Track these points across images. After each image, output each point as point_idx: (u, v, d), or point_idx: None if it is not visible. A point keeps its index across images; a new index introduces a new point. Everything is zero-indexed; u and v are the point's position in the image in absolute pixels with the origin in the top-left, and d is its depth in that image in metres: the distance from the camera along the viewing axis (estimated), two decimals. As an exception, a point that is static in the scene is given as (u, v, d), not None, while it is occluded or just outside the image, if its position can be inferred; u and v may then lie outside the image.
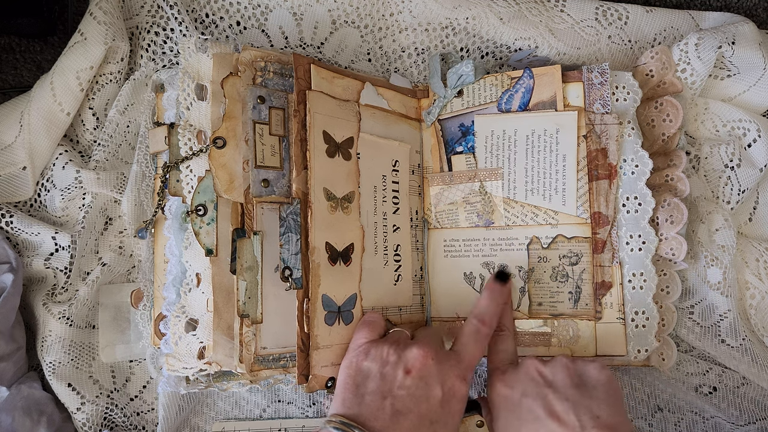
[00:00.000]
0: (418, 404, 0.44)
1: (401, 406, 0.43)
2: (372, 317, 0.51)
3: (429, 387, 0.45)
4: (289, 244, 0.49)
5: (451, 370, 0.46)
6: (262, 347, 0.49)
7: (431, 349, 0.46)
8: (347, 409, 0.44)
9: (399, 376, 0.45)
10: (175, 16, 0.58)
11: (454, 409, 0.46)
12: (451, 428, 0.46)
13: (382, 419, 0.43)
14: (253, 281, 0.48)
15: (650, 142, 0.56)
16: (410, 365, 0.45)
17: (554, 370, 0.46)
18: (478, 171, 0.57)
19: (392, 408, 0.43)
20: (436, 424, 0.44)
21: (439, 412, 0.45)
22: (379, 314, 0.53)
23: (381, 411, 0.43)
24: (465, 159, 0.58)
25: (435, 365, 0.46)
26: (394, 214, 0.56)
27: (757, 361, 0.56)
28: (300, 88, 0.50)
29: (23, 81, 0.64)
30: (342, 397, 0.45)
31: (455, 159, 0.58)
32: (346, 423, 0.42)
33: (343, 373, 0.47)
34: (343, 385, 0.46)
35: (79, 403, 0.57)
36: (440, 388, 0.45)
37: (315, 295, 0.49)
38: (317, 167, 0.50)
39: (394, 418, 0.43)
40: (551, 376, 0.46)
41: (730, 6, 0.65)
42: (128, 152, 0.61)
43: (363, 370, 0.46)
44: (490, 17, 0.59)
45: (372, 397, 0.44)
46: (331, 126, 0.52)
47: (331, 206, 0.51)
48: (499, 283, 0.51)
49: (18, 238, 0.58)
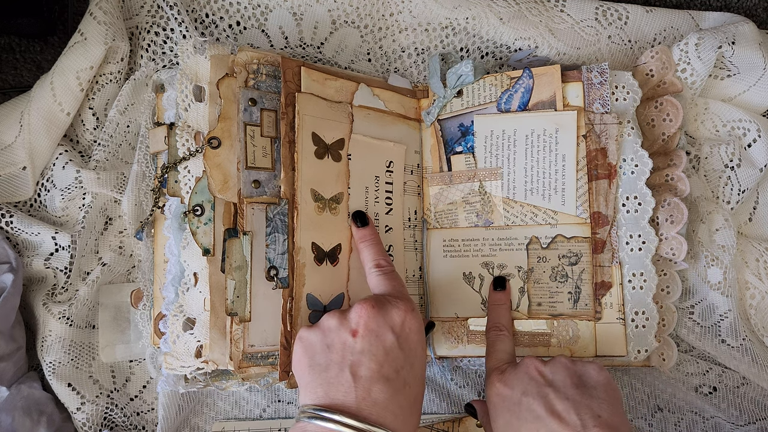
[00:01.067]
0: (376, 360, 0.42)
1: (361, 370, 0.42)
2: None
3: (381, 337, 0.43)
4: (276, 244, 0.49)
5: (395, 308, 0.45)
6: (250, 345, 0.49)
7: (368, 301, 0.45)
8: (313, 395, 0.42)
9: (348, 341, 0.43)
10: (174, 17, 0.58)
11: (414, 342, 0.45)
12: (419, 366, 0.45)
13: (347, 391, 0.41)
14: (242, 280, 0.49)
15: (650, 141, 0.56)
16: (354, 325, 0.44)
17: (554, 370, 0.46)
18: (477, 171, 0.57)
19: (353, 375, 0.42)
20: (402, 370, 0.43)
21: (401, 357, 0.43)
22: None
23: (343, 384, 0.42)
24: (464, 159, 0.58)
25: (377, 313, 0.44)
26: (386, 215, 0.57)
27: (757, 361, 0.56)
28: (288, 90, 0.51)
29: (23, 81, 0.64)
30: (303, 384, 0.44)
31: (455, 159, 0.58)
32: (316, 409, 0.41)
33: (296, 363, 0.45)
34: (299, 374, 0.44)
35: (79, 403, 0.57)
36: (391, 332, 0.44)
37: (299, 294, 0.49)
38: (305, 168, 0.50)
39: (357, 385, 0.41)
40: (551, 376, 0.46)
41: (730, 6, 0.65)
42: (128, 152, 0.61)
43: (310, 348, 0.44)
44: (490, 17, 0.59)
45: (331, 373, 0.42)
46: (321, 128, 0.52)
47: (319, 207, 0.51)
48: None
49: (18, 238, 0.58)
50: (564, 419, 0.42)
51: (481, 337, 0.56)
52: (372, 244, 0.52)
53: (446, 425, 0.59)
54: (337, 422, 0.39)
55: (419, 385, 0.45)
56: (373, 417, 0.40)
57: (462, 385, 0.60)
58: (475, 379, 0.61)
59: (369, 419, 0.40)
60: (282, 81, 0.51)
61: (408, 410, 0.43)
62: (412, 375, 0.44)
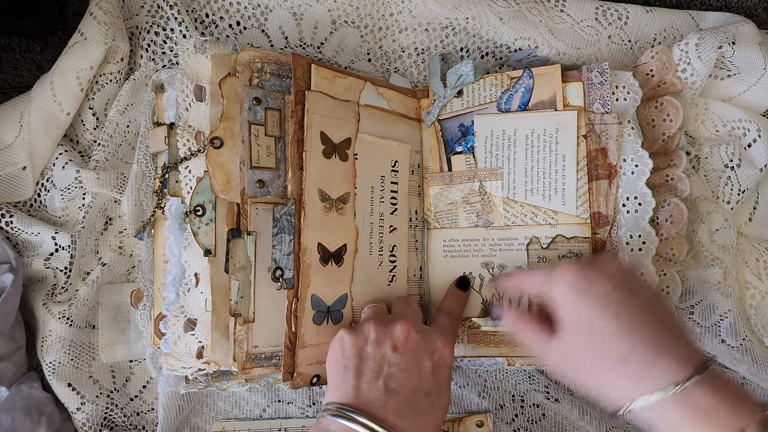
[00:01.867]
0: (411, 378, 0.44)
1: (394, 384, 0.44)
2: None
3: (418, 360, 0.45)
4: (282, 245, 0.49)
5: (437, 340, 0.47)
6: (254, 345, 0.49)
7: (414, 323, 0.47)
8: (343, 395, 0.44)
9: (387, 354, 0.45)
10: (175, 16, 0.58)
11: (445, 376, 0.47)
12: (445, 396, 0.47)
13: (377, 399, 0.43)
14: (246, 281, 0.49)
15: (650, 141, 0.56)
16: (397, 341, 0.46)
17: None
18: (477, 171, 0.57)
19: (386, 386, 0.43)
20: (431, 395, 0.45)
21: (432, 383, 0.45)
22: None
23: (374, 391, 0.43)
24: (465, 159, 0.58)
25: (421, 338, 0.47)
26: (391, 215, 0.56)
27: (757, 361, 0.56)
28: (298, 88, 0.50)
29: (23, 81, 0.64)
30: (334, 384, 0.45)
31: (455, 159, 0.58)
32: (342, 409, 0.42)
33: (331, 361, 0.47)
34: (332, 373, 0.46)
35: (79, 403, 0.57)
36: (429, 359, 0.46)
37: (304, 295, 0.49)
38: (313, 168, 0.50)
39: (388, 396, 0.43)
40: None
41: (730, 6, 0.65)
42: (128, 152, 0.61)
43: (347, 352, 0.46)
44: (490, 17, 0.59)
45: (364, 379, 0.44)
46: (329, 127, 0.52)
47: (326, 207, 0.51)
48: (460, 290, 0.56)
49: (18, 238, 0.58)
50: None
51: (481, 337, 0.56)
52: (459, 303, 0.55)
53: (446, 425, 0.59)
54: (362, 424, 0.41)
55: (443, 413, 0.46)
56: (399, 428, 0.42)
57: (462, 385, 0.60)
58: (475, 379, 0.61)
59: (395, 429, 0.41)
60: (292, 78, 0.50)
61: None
62: (439, 402, 0.46)
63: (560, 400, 0.58)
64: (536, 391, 0.59)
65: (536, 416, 0.60)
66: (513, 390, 0.60)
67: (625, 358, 0.40)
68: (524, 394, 0.60)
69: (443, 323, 0.51)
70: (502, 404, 0.60)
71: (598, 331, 0.42)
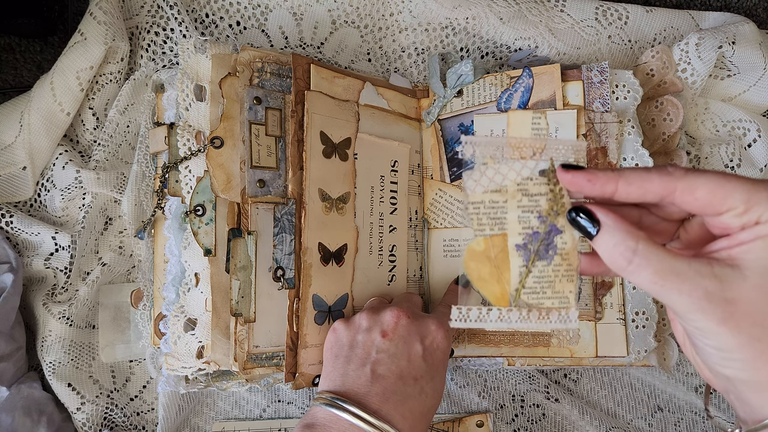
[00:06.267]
0: (398, 363, 0.44)
1: (381, 369, 0.44)
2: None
3: (408, 345, 0.45)
4: (283, 245, 0.49)
5: (431, 324, 0.47)
6: (255, 345, 0.49)
7: (406, 309, 0.47)
8: (331, 383, 0.44)
9: (376, 340, 0.45)
10: (175, 16, 0.58)
11: (438, 359, 0.46)
12: (438, 381, 0.46)
13: (362, 384, 0.43)
14: (247, 281, 0.49)
15: (651, 141, 0.56)
16: (386, 327, 0.46)
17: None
18: (477, 171, 0.57)
19: (372, 372, 0.44)
20: (420, 379, 0.45)
21: (422, 367, 0.45)
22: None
23: (361, 377, 0.43)
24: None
25: (412, 323, 0.46)
26: (391, 215, 0.56)
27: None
28: (298, 88, 0.50)
29: (23, 81, 0.64)
30: (325, 373, 0.46)
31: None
32: (332, 398, 0.43)
33: (325, 352, 0.48)
34: (325, 363, 0.47)
35: (79, 403, 0.57)
36: (420, 343, 0.46)
37: (305, 295, 0.49)
38: (313, 168, 0.50)
39: (374, 381, 0.43)
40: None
41: (730, 6, 0.65)
42: (128, 152, 0.61)
43: (339, 341, 0.47)
44: (490, 17, 0.59)
45: (352, 366, 0.44)
46: (329, 126, 0.52)
47: (326, 207, 0.51)
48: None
49: (18, 238, 0.58)
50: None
51: (482, 337, 0.56)
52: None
53: (446, 425, 0.59)
54: (346, 410, 0.41)
55: (435, 398, 0.46)
56: (382, 413, 0.42)
57: (462, 385, 0.60)
58: (475, 378, 0.61)
59: (378, 414, 0.42)
60: (292, 78, 0.50)
61: (419, 417, 0.44)
62: (431, 386, 0.45)
63: (560, 400, 0.58)
64: (536, 391, 0.59)
65: (536, 416, 0.60)
66: (513, 390, 0.60)
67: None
68: (524, 394, 0.60)
69: (442, 312, 0.51)
70: (502, 404, 0.60)
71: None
